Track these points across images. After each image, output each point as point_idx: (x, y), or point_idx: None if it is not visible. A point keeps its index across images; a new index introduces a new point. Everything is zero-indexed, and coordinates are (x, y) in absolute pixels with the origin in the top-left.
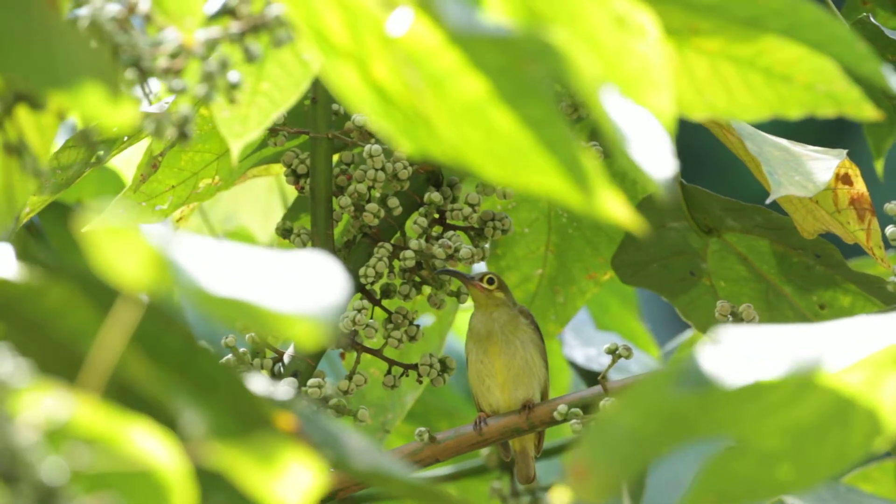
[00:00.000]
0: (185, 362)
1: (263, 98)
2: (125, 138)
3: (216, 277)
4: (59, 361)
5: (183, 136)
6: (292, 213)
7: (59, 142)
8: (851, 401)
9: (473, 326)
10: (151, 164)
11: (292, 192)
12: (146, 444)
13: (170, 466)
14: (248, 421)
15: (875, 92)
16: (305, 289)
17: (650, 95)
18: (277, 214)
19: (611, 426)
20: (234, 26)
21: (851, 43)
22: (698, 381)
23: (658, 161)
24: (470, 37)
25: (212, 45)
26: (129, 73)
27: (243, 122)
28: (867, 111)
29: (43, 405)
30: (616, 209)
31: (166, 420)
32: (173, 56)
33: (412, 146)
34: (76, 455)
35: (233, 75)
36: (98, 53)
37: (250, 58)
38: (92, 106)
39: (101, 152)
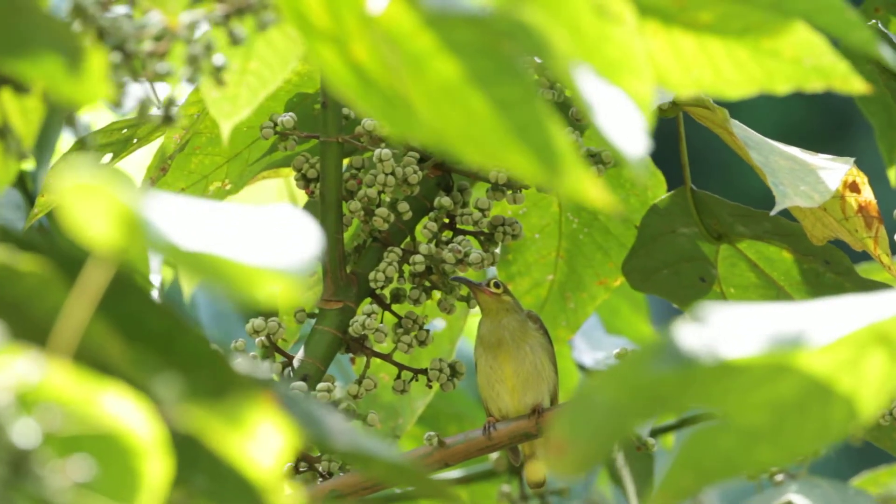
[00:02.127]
0: (168, 343)
1: (252, 77)
2: (135, 140)
3: (187, 233)
4: (38, 341)
5: (167, 119)
6: None
7: (67, 144)
8: (833, 378)
9: (482, 333)
10: (161, 168)
11: (302, 196)
12: (118, 407)
13: (142, 430)
14: (225, 390)
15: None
16: (278, 243)
17: (630, 81)
18: None
19: (590, 402)
20: (218, 9)
21: (841, 11)
22: (678, 357)
23: (630, 138)
24: (444, 16)
25: (196, 28)
26: (114, 57)
27: (233, 101)
28: (855, 85)
29: (14, 367)
30: (590, 191)
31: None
32: (157, 39)
33: (392, 128)
34: (48, 418)
35: (218, 58)
36: (64, 28)
37: (235, 41)
38: (56, 78)
39: (110, 154)
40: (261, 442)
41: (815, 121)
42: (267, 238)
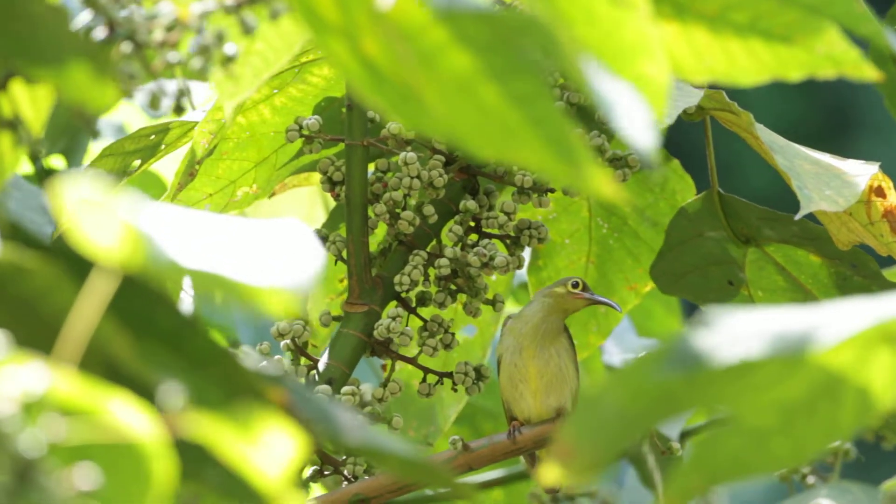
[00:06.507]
0: (178, 340)
1: (256, 58)
2: (163, 146)
3: (189, 249)
4: (47, 340)
5: (179, 108)
6: (332, 220)
7: (96, 149)
8: (841, 378)
9: (515, 326)
10: (189, 173)
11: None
12: (125, 415)
13: (150, 438)
14: (236, 393)
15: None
16: (280, 260)
17: (646, 65)
18: (320, 223)
19: (597, 406)
20: None
21: (850, 4)
22: (687, 361)
23: (641, 131)
24: (454, 15)
25: (207, 17)
26: (125, 47)
27: (236, 81)
28: (867, 72)
29: (20, 376)
30: (603, 185)
31: (151, 397)
32: (169, 29)
33: (404, 121)
34: (54, 427)
35: (229, 48)
36: (81, 34)
37: (246, 30)
38: (77, 85)
39: (138, 161)
40: (268, 451)
41: (814, 120)
42: (270, 255)
